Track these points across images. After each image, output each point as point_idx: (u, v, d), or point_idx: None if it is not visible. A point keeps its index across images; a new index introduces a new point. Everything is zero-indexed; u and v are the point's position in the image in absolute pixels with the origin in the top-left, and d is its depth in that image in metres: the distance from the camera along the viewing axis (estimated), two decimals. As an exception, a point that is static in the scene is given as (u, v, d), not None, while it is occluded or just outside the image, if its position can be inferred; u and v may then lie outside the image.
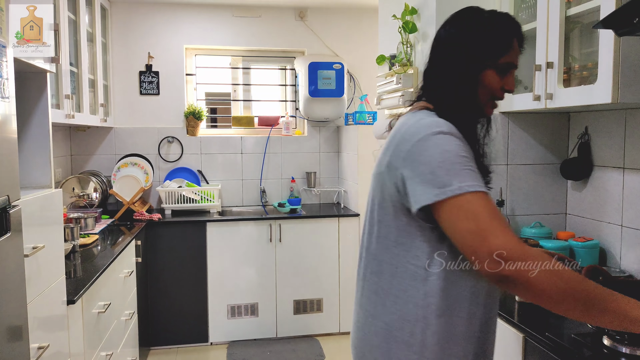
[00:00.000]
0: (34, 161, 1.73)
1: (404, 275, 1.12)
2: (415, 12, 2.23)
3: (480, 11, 1.21)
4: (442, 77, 1.20)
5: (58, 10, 2.49)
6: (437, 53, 1.23)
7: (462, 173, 1.02)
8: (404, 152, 1.09)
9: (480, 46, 1.16)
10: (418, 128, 1.09)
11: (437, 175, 1.02)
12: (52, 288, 1.63)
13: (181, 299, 3.48)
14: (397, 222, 1.13)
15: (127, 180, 3.60)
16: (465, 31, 1.18)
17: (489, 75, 1.17)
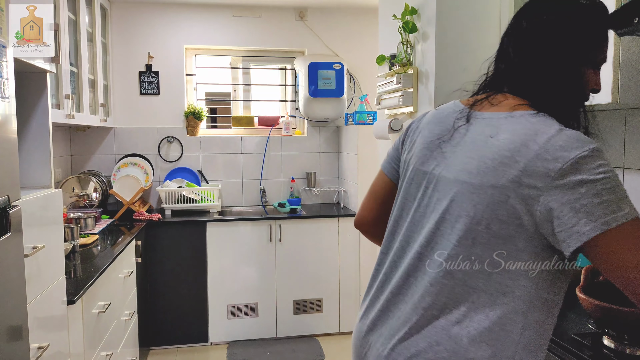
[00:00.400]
0: (34, 161, 1.73)
1: (505, 308, 0.94)
2: (415, 12, 2.23)
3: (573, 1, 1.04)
4: (549, 72, 1.02)
5: (58, 10, 2.49)
6: (533, 42, 1.03)
7: (626, 195, 0.88)
8: (552, 170, 0.88)
9: (588, 38, 1.02)
10: (567, 142, 0.90)
11: (606, 201, 0.85)
12: (52, 288, 1.63)
13: (181, 299, 3.48)
14: (509, 246, 0.93)
15: (127, 180, 3.60)
16: (571, 20, 1.01)
17: (588, 72, 1.05)
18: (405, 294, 1.04)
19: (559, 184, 0.87)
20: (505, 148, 0.94)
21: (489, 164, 0.95)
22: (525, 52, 1.04)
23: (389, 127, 2.38)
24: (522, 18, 1.07)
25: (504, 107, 1.03)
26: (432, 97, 2.11)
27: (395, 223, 1.13)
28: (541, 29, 1.03)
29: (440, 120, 1.12)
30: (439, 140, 1.09)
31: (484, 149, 0.98)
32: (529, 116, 0.98)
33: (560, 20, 1.02)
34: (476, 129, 1.03)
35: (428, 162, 1.08)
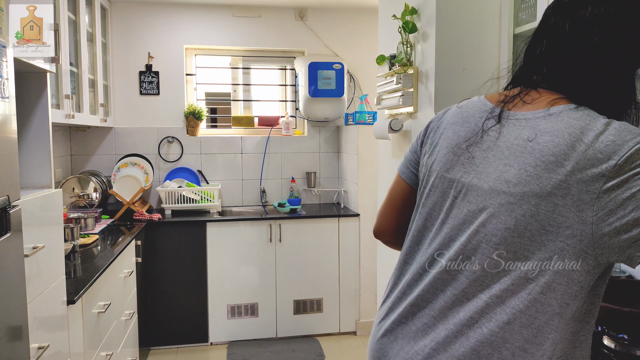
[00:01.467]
0: (34, 161, 1.73)
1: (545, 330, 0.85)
2: (415, 12, 2.23)
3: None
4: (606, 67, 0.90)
5: (58, 10, 2.49)
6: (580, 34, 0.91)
7: None
8: (607, 169, 0.79)
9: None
10: (618, 135, 0.80)
11: None
12: (52, 288, 1.63)
13: (181, 299, 3.48)
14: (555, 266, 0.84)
15: (127, 180, 3.60)
16: (630, 14, 0.89)
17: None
18: (432, 307, 0.96)
19: (617, 182, 0.78)
20: (548, 152, 0.84)
21: (531, 171, 0.85)
22: (579, 39, 0.90)
23: (389, 127, 2.38)
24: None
25: (539, 104, 0.92)
26: (432, 97, 2.11)
27: (419, 233, 1.04)
28: (608, 18, 0.89)
29: (466, 119, 1.01)
30: (466, 144, 0.98)
31: (523, 154, 0.88)
32: (570, 112, 0.88)
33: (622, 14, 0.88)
34: (510, 131, 0.92)
35: (454, 168, 0.98)
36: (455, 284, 0.93)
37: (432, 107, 2.11)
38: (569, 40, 0.91)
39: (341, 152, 4.13)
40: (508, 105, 0.96)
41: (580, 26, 0.91)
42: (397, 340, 1.01)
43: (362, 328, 3.73)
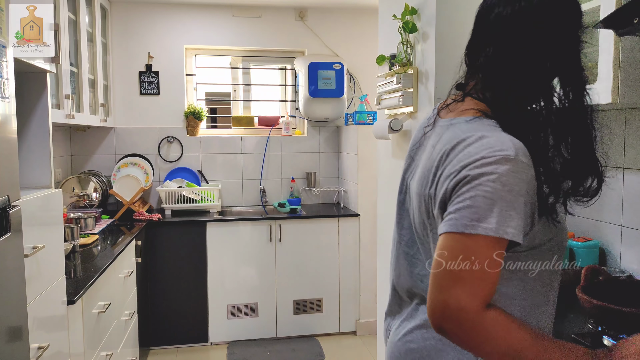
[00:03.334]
0: (34, 161, 1.73)
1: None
2: (415, 12, 2.23)
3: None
4: (514, 73, 0.93)
5: (58, 10, 2.49)
6: (502, 37, 0.95)
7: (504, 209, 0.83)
8: (453, 173, 0.88)
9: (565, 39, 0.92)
10: (480, 147, 0.86)
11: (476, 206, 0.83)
12: (52, 288, 1.63)
13: (181, 299, 3.48)
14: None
15: (127, 180, 3.60)
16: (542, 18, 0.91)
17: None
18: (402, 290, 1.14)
19: (453, 180, 0.87)
20: (435, 158, 0.94)
21: (426, 174, 0.96)
22: (494, 47, 0.96)
23: (389, 127, 2.38)
24: (495, 4, 1.01)
25: (455, 112, 1.00)
26: (432, 97, 2.11)
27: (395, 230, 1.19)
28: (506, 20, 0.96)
29: (420, 126, 1.12)
30: (414, 148, 1.11)
31: (428, 159, 0.97)
32: (463, 123, 0.94)
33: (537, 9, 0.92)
34: (432, 137, 1.02)
35: (407, 170, 1.12)
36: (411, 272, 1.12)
37: (432, 107, 2.11)
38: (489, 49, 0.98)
39: (341, 152, 4.13)
40: (441, 112, 1.04)
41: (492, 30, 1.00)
42: (391, 317, 1.20)
43: (362, 328, 3.73)
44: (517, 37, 0.92)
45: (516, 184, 0.83)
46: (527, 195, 0.85)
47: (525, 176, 0.84)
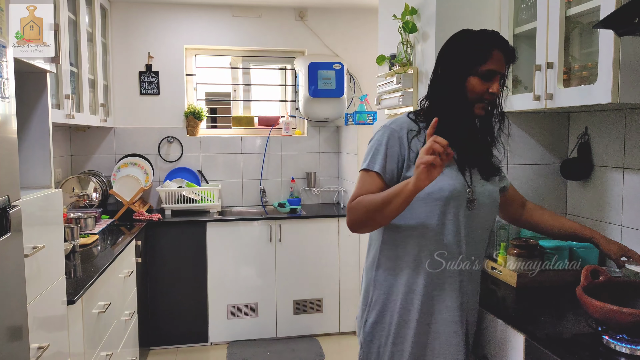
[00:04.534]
0: (34, 161, 1.73)
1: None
2: (415, 12, 2.23)
3: (467, 31, 1.47)
4: (433, 85, 1.48)
5: (58, 10, 2.49)
6: (434, 68, 1.49)
7: (374, 154, 1.44)
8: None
9: (461, 58, 1.41)
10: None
11: (367, 153, 1.48)
12: (52, 288, 1.63)
13: (181, 299, 3.48)
14: None
15: (127, 180, 3.60)
16: (450, 47, 1.46)
17: (472, 81, 1.40)
18: None
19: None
20: None
21: None
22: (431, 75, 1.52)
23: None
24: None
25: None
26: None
27: None
28: (438, 56, 1.50)
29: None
30: None
31: None
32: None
33: (446, 48, 1.49)
34: None
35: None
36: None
37: (432, 107, 2.11)
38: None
39: (341, 152, 4.13)
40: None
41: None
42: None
43: (362, 328, 3.72)
44: (434, 69, 1.52)
45: (381, 138, 1.44)
46: (391, 146, 1.42)
47: (387, 135, 1.44)
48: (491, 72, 1.39)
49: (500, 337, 1.62)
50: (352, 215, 1.42)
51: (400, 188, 1.31)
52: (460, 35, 1.46)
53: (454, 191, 1.40)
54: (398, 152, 1.41)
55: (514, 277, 1.85)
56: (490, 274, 2.01)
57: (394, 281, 1.45)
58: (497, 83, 1.40)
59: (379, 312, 1.48)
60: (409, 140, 1.42)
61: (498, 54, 1.39)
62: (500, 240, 2.07)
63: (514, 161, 2.20)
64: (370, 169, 1.42)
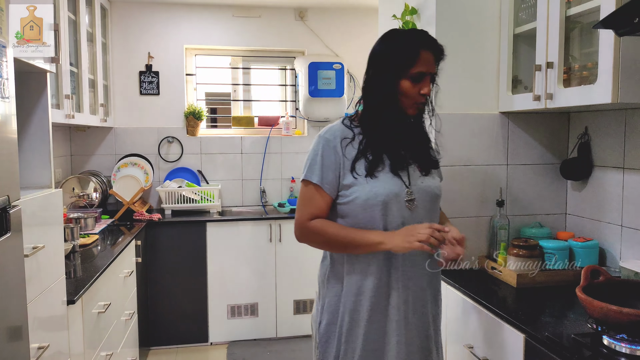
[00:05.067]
0: (34, 161, 1.73)
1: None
2: (415, 12, 2.23)
3: (393, 32, 1.47)
4: (365, 89, 1.48)
5: (58, 10, 2.49)
6: (366, 72, 1.49)
7: (312, 164, 1.46)
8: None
9: (390, 62, 1.41)
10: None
11: (305, 163, 1.49)
12: (52, 288, 1.63)
13: (181, 299, 3.48)
14: None
15: (127, 180, 3.60)
16: (380, 51, 1.45)
17: (404, 84, 1.41)
18: None
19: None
20: None
21: None
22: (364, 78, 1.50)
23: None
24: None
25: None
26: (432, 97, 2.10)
27: None
28: (368, 59, 1.48)
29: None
30: None
31: None
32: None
33: (375, 52, 1.46)
34: None
35: None
36: None
37: (432, 107, 2.11)
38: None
39: (341, 152, 4.12)
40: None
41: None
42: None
43: (362, 328, 3.72)
44: (365, 73, 1.50)
45: (317, 148, 1.46)
46: (326, 156, 1.44)
47: (322, 145, 1.45)
48: (421, 74, 1.41)
49: (500, 337, 1.62)
50: (307, 236, 1.49)
51: (372, 242, 1.37)
52: (388, 37, 1.46)
53: (390, 194, 1.42)
54: (334, 161, 1.44)
55: (514, 277, 1.85)
56: (490, 274, 2.01)
57: (345, 284, 1.48)
58: (427, 84, 1.43)
59: (331, 314, 1.49)
60: (343, 148, 1.44)
61: (427, 55, 1.41)
62: (500, 240, 2.08)
63: (514, 161, 2.20)
64: (309, 180, 1.45)
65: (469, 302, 1.82)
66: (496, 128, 2.17)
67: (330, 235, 1.43)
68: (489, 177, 2.17)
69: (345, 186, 1.44)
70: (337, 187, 1.45)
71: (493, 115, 2.16)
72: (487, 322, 1.70)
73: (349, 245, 1.41)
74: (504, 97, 2.11)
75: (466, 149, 2.14)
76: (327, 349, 1.50)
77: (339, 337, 1.48)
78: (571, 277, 1.86)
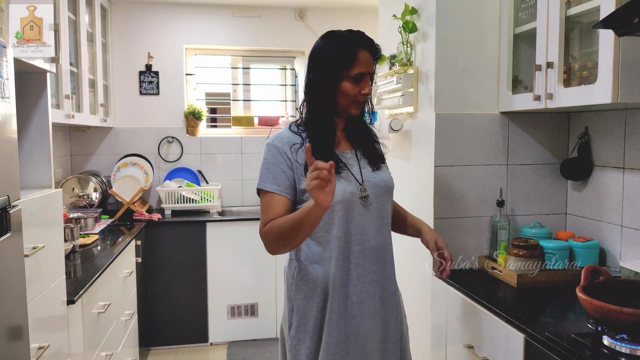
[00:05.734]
0: (34, 161, 1.73)
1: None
2: (415, 12, 2.23)
3: (330, 34, 1.47)
4: (307, 92, 1.49)
5: (58, 10, 2.49)
6: (306, 75, 1.50)
7: (265, 172, 1.51)
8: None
9: (329, 65, 1.42)
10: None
11: (260, 171, 1.54)
12: (52, 288, 1.63)
13: (181, 299, 3.48)
14: None
15: (127, 180, 3.60)
16: (319, 54, 1.45)
17: (344, 85, 1.43)
18: None
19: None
20: None
21: None
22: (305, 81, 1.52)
23: (389, 127, 2.38)
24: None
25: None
26: (432, 97, 2.11)
27: None
28: (308, 60, 1.49)
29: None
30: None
31: None
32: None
33: (314, 54, 1.47)
34: None
35: None
36: None
37: (432, 107, 2.11)
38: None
39: (341, 152, 4.12)
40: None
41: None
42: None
43: (362, 328, 3.72)
44: (306, 76, 1.51)
45: (267, 157, 1.51)
46: (277, 163, 1.48)
47: (272, 153, 1.50)
48: (361, 74, 1.43)
49: (500, 337, 1.62)
50: (267, 242, 1.47)
51: (307, 212, 1.32)
52: (326, 39, 1.47)
53: (346, 194, 1.44)
54: (285, 168, 1.46)
55: (514, 277, 1.85)
56: (491, 274, 2.01)
57: (313, 285, 1.48)
58: (368, 83, 1.45)
59: (301, 316, 1.49)
60: (293, 153, 1.46)
61: (365, 55, 1.43)
62: (500, 240, 2.08)
63: (514, 161, 2.20)
64: (264, 189, 1.47)
65: (469, 302, 1.82)
66: (496, 128, 2.17)
67: (278, 227, 1.42)
68: (489, 177, 2.17)
69: (302, 191, 1.46)
70: (294, 190, 1.46)
71: (493, 115, 2.16)
72: (487, 322, 1.70)
73: (295, 225, 1.37)
74: (504, 97, 2.11)
75: (466, 149, 2.14)
76: (299, 351, 1.49)
77: (311, 338, 1.48)
78: (571, 277, 1.86)
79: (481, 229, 2.17)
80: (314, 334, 1.48)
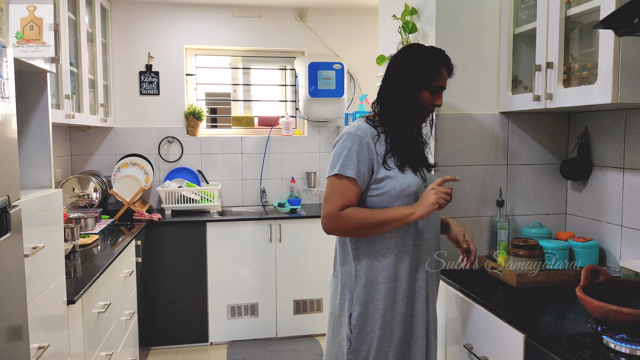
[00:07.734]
0: (34, 161, 1.73)
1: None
2: (415, 12, 2.23)
3: (419, 47, 1.65)
4: (388, 94, 1.63)
5: (58, 10, 2.49)
6: (387, 77, 1.65)
7: (345, 159, 1.55)
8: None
9: (416, 73, 1.58)
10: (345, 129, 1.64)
11: (332, 159, 1.59)
12: (52, 288, 1.63)
13: (181, 299, 3.48)
14: None
15: (127, 180, 3.60)
16: (406, 62, 1.61)
17: (424, 95, 1.59)
18: None
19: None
20: None
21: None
22: (382, 83, 1.67)
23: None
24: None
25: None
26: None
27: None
28: (390, 68, 1.64)
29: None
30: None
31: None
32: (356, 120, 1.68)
33: (401, 64, 1.62)
34: None
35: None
36: None
37: (432, 107, 2.11)
38: (382, 86, 1.67)
39: (341, 152, 4.12)
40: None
41: (385, 76, 1.67)
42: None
43: (362, 328, 3.72)
44: (386, 77, 1.66)
45: (350, 145, 1.55)
46: (360, 152, 1.55)
47: (356, 141, 1.56)
48: (439, 87, 1.60)
49: (500, 337, 1.62)
50: (343, 226, 1.57)
51: (404, 215, 1.51)
52: (414, 50, 1.64)
53: (418, 186, 1.59)
54: (367, 157, 1.56)
55: (514, 277, 1.85)
56: (491, 274, 2.01)
57: (377, 272, 1.58)
58: (441, 96, 1.62)
59: (363, 304, 1.58)
60: (374, 144, 1.58)
61: (444, 71, 1.60)
62: (500, 240, 2.08)
63: (514, 161, 2.20)
64: (344, 175, 1.54)
65: (469, 302, 1.82)
66: (496, 128, 2.17)
67: (363, 218, 1.53)
68: (489, 177, 2.17)
69: (377, 180, 1.57)
70: (367, 182, 1.57)
71: (493, 115, 2.16)
72: (487, 322, 1.70)
73: (383, 222, 1.52)
74: (504, 97, 2.11)
75: (466, 149, 2.14)
76: (360, 341, 1.58)
77: (372, 327, 1.57)
78: (571, 277, 1.86)
79: (481, 229, 2.18)
80: (375, 321, 1.57)
